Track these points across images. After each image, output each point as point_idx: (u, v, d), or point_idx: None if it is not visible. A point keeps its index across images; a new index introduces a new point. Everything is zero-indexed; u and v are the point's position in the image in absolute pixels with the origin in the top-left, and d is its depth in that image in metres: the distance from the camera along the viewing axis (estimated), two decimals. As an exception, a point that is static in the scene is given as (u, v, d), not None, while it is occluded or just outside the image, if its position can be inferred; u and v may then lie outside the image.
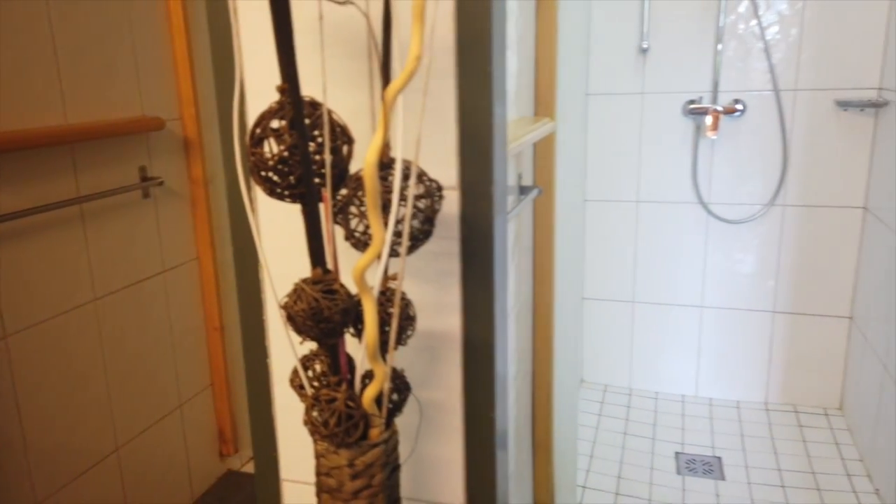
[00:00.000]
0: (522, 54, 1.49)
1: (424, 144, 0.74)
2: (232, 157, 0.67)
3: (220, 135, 0.72)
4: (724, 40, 2.24)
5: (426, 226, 0.66)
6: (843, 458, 2.13)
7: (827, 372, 2.38)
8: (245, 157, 0.66)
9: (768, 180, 2.30)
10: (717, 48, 2.24)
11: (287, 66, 0.55)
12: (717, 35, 2.23)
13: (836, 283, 2.31)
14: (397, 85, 0.49)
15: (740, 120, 2.29)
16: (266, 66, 0.77)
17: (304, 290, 0.61)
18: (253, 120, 0.62)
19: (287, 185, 0.61)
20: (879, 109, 2.13)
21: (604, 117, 2.43)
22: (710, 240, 2.41)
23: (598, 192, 2.50)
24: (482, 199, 0.75)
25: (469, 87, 0.72)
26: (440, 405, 0.83)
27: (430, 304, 0.80)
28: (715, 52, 2.25)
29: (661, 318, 2.53)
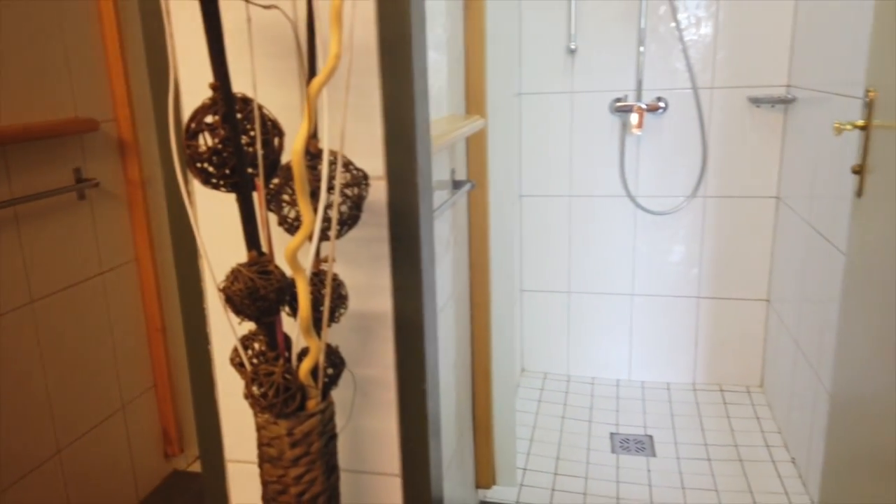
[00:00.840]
0: (452, 55, 1.56)
1: (353, 137, 0.80)
2: (169, 151, 0.71)
3: (156, 130, 0.77)
4: (646, 42, 2.36)
5: (354, 211, 0.72)
6: (763, 431, 2.28)
7: (748, 352, 2.54)
8: (181, 150, 0.71)
9: (690, 173, 2.44)
10: (640, 49, 2.36)
11: (218, 66, 0.60)
12: (640, 37, 2.36)
13: (754, 268, 2.47)
14: (319, 81, 0.55)
15: (663, 117, 2.42)
16: (199, 64, 0.82)
17: (241, 272, 0.66)
18: (188, 116, 0.66)
19: (222, 176, 0.66)
20: (788, 105, 2.29)
21: (536, 116, 2.52)
22: (638, 231, 2.53)
23: (533, 188, 2.60)
24: (408, 188, 0.81)
25: (392, 84, 0.78)
26: (375, 381, 0.89)
27: (363, 287, 0.86)
28: (638, 53, 2.37)
29: (595, 307, 2.64)
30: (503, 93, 1.73)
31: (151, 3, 0.80)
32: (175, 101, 0.79)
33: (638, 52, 2.37)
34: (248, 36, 0.68)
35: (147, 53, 0.78)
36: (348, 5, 0.69)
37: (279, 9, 0.67)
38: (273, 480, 0.75)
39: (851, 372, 1.40)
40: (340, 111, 0.73)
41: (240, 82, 0.76)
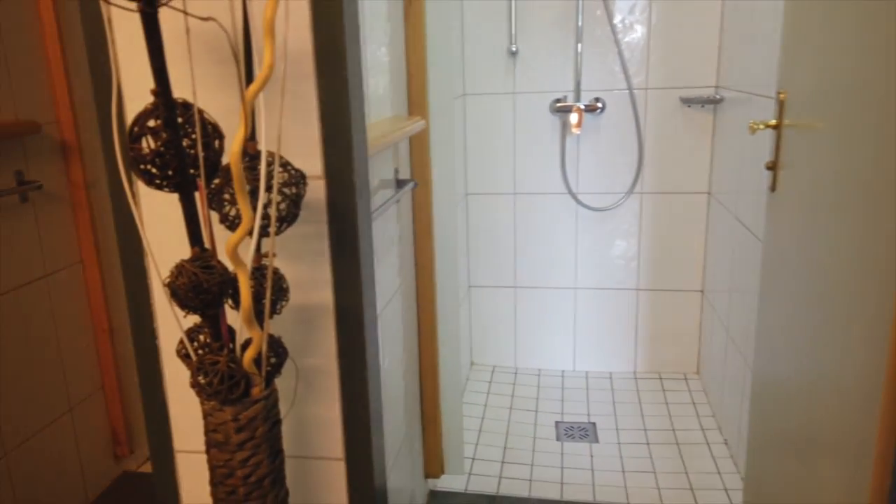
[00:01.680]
0: (395, 58, 1.61)
1: (292, 139, 0.85)
2: (113, 154, 0.75)
3: (100, 134, 0.80)
4: (584, 44, 2.46)
5: (293, 209, 0.76)
6: (699, 415, 2.40)
7: (684, 341, 2.67)
8: (125, 153, 0.74)
9: (627, 171, 2.55)
10: (578, 51, 2.46)
11: (159, 74, 0.64)
12: (577, 40, 2.45)
13: (689, 260, 2.59)
14: (253, 90, 0.60)
15: (601, 117, 2.52)
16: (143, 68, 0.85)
17: (185, 267, 0.70)
18: (131, 119, 0.70)
19: (164, 177, 0.70)
20: (717, 105, 2.42)
21: (481, 116, 2.60)
22: (579, 227, 2.63)
23: (479, 186, 2.67)
24: (346, 187, 0.87)
25: (328, 89, 0.83)
26: (319, 370, 0.94)
27: (305, 281, 0.91)
28: (576, 56, 2.47)
29: (540, 301, 2.73)
30: (444, 95, 1.79)
31: (93, 11, 0.83)
32: (118, 105, 0.82)
33: (576, 54, 2.47)
34: (187, 44, 0.72)
35: (90, 60, 0.81)
36: (282, 17, 0.74)
37: (216, 21, 0.71)
38: (220, 465, 0.79)
39: (770, 355, 1.50)
40: (278, 114, 0.78)
41: (181, 88, 0.80)
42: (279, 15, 0.70)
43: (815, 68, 1.26)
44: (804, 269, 1.29)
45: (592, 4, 2.41)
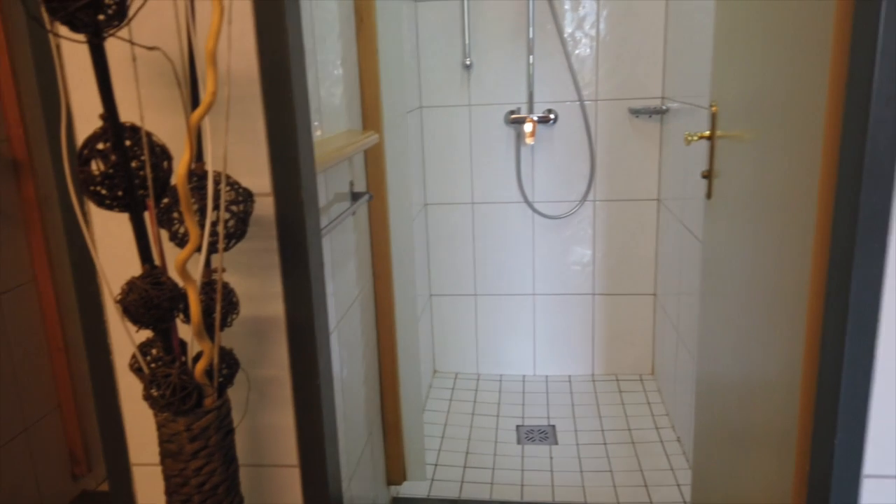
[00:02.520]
0: (348, 74, 1.65)
1: (240, 158, 0.88)
2: (63, 176, 0.77)
3: (51, 157, 0.82)
4: (536, 58, 2.53)
5: (241, 226, 0.80)
6: (653, 414, 2.48)
7: (639, 343, 2.75)
8: (75, 175, 0.77)
9: (580, 179, 2.62)
10: (530, 65, 2.53)
11: (106, 99, 0.67)
12: (529, 53, 2.52)
13: (641, 265, 2.68)
14: (196, 115, 0.63)
15: (554, 127, 2.59)
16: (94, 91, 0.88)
17: (136, 284, 0.73)
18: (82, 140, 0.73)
19: (114, 198, 0.73)
20: (663, 116, 2.51)
21: (438, 127, 2.65)
22: (536, 234, 2.70)
23: (437, 196, 2.72)
24: (294, 203, 0.90)
25: (275, 109, 0.87)
26: (272, 380, 0.97)
27: (257, 295, 0.94)
28: (528, 68, 2.54)
29: (500, 307, 2.79)
30: (398, 109, 1.84)
31: (42, 37, 0.85)
32: (67, 128, 0.84)
33: (528, 67, 2.54)
34: (134, 71, 0.75)
35: (39, 85, 0.83)
36: (225, 44, 0.77)
37: (161, 50, 0.74)
38: (175, 474, 0.81)
39: (710, 355, 1.58)
40: (224, 136, 0.81)
41: (130, 110, 0.83)
42: (223, 42, 0.74)
43: (740, 83, 1.34)
44: (736, 273, 1.36)
45: (543, 19, 2.49)
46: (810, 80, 0.97)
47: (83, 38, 0.63)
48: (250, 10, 0.82)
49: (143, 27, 0.82)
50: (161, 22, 0.82)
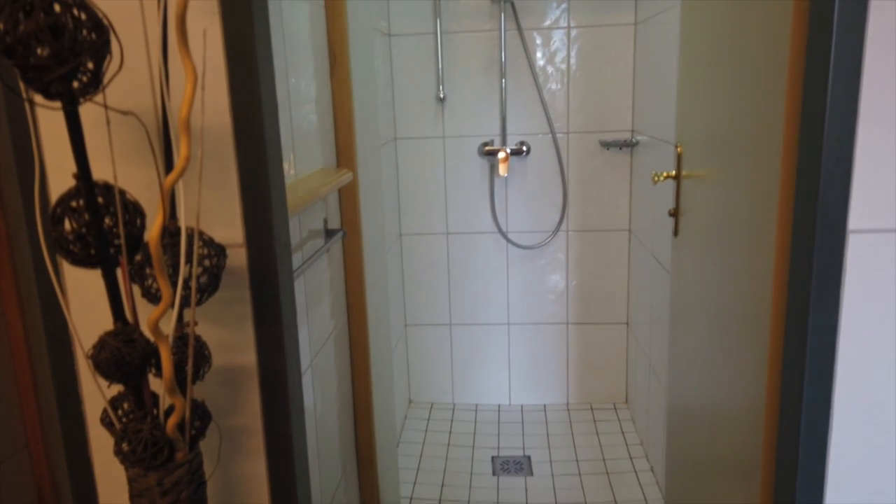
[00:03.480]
0: (322, 112, 1.67)
1: (213, 210, 0.89)
2: (36, 234, 0.78)
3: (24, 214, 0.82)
4: (508, 91, 2.58)
5: (213, 281, 0.81)
6: (627, 444, 2.50)
7: (613, 372, 2.78)
8: (48, 233, 0.77)
9: (553, 210, 2.67)
10: (503, 98, 2.58)
11: (80, 161, 0.68)
12: (502, 87, 2.57)
13: (614, 294, 2.72)
14: (170, 180, 0.65)
15: (527, 159, 2.64)
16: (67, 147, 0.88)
17: (108, 342, 0.73)
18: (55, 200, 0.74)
19: (87, 255, 0.74)
20: (633, 148, 2.57)
21: (412, 159, 2.68)
22: (510, 264, 2.73)
23: (412, 227, 2.74)
24: (266, 254, 0.91)
25: (247, 162, 0.88)
26: (244, 430, 0.97)
27: (229, 344, 0.95)
28: (501, 101, 2.59)
29: (475, 337, 2.80)
30: (371, 145, 1.86)
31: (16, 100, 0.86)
32: (41, 184, 0.85)
33: (501, 100, 2.59)
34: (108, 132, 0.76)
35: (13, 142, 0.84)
36: (198, 103, 0.79)
37: (135, 115, 0.76)
38: (145, 529, 0.81)
39: (680, 384, 1.61)
40: (197, 192, 0.82)
41: (104, 166, 0.84)
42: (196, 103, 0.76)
43: (704, 124, 1.39)
44: (703, 306, 1.40)
45: (515, 54, 2.54)
46: (769, 126, 1.02)
47: (58, 104, 0.64)
48: (224, 69, 0.84)
49: (117, 88, 0.83)
50: (135, 82, 0.84)
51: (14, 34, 0.59)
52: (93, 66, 0.63)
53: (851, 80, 0.82)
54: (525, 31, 2.52)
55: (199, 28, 0.82)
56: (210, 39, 0.83)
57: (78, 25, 0.61)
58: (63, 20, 0.60)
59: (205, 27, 0.79)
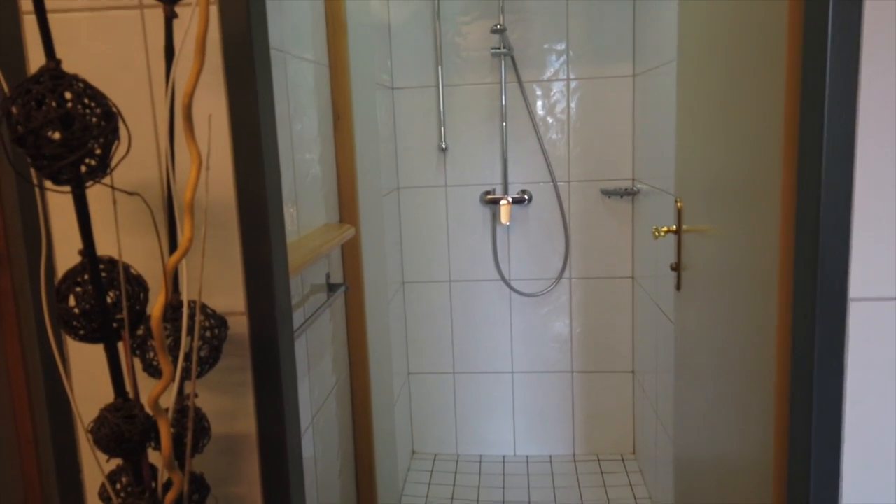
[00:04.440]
0: (325, 169, 1.70)
1: (215, 278, 0.90)
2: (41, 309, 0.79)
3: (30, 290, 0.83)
4: (509, 140, 2.62)
5: (214, 354, 0.81)
6: (635, 497, 2.46)
7: (619, 422, 2.75)
8: (52, 308, 0.78)
9: (556, 257, 2.67)
10: (504, 146, 2.61)
11: (86, 240, 0.69)
12: (503, 136, 2.61)
13: (619, 342, 2.70)
14: (173, 260, 0.66)
15: (528, 207, 2.66)
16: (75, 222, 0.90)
17: (107, 418, 0.74)
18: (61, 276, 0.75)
19: (89, 331, 0.74)
20: (634, 196, 2.59)
21: (415, 207, 2.70)
22: (513, 312, 2.72)
23: (415, 274, 2.74)
24: (267, 322, 0.92)
25: (250, 236, 0.89)
26: (242, 498, 0.96)
27: (229, 412, 0.94)
28: (503, 151, 2.62)
29: (479, 385, 2.78)
30: (374, 199, 1.88)
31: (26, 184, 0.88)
32: (47, 260, 0.86)
33: (502, 150, 2.62)
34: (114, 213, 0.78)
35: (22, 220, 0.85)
36: (202, 181, 0.81)
37: (140, 196, 0.77)
38: None
39: (687, 436, 1.59)
40: (200, 271, 0.83)
41: (109, 237, 0.85)
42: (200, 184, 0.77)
43: (702, 179, 1.40)
44: (708, 359, 1.39)
45: (516, 104, 2.58)
46: (767, 184, 1.03)
47: (67, 189, 0.66)
48: (229, 143, 0.86)
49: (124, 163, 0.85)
50: (142, 159, 0.86)
51: (26, 125, 0.61)
52: (101, 151, 0.65)
53: (846, 150, 0.83)
54: (525, 83, 2.56)
55: (207, 107, 0.84)
56: (215, 117, 0.85)
57: (88, 114, 0.63)
58: (74, 110, 0.62)
59: (210, 112, 0.81)
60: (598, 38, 2.51)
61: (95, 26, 0.85)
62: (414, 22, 2.57)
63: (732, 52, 1.19)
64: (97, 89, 0.64)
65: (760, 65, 1.04)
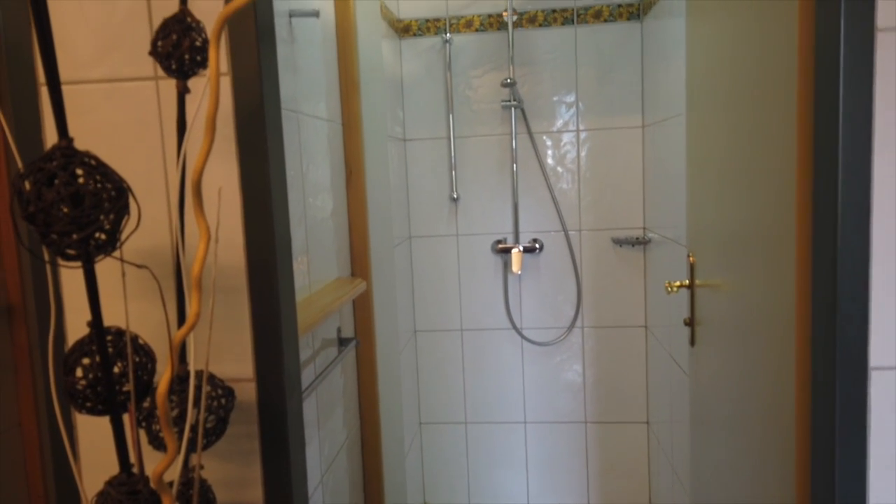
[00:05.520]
0: (338, 223, 1.70)
1: (224, 345, 0.90)
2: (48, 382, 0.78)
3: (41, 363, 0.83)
4: (520, 190, 2.63)
5: (221, 425, 0.80)
6: (652, 552, 2.38)
7: (635, 473, 2.68)
8: (59, 380, 0.78)
9: (568, 306, 2.65)
10: (515, 196, 2.62)
11: (94, 311, 0.69)
12: (514, 186, 2.62)
13: (633, 392, 2.66)
14: (180, 335, 0.65)
15: (540, 256, 2.65)
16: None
17: (111, 494, 0.72)
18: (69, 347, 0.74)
19: (96, 403, 0.74)
20: (646, 245, 2.57)
21: (426, 256, 2.70)
22: (526, 361, 2.69)
23: (427, 323, 2.73)
24: (276, 389, 0.91)
25: (260, 301, 0.89)
26: (248, 570, 0.94)
27: (235, 480, 0.93)
28: (513, 200, 2.63)
29: (491, 435, 2.74)
30: (385, 252, 1.88)
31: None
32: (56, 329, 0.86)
33: (513, 199, 2.63)
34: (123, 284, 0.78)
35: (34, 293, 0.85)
36: (211, 252, 0.81)
37: (149, 269, 0.78)
38: None
39: (704, 488, 1.54)
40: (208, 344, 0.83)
41: (118, 305, 0.85)
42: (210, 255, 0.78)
43: (714, 233, 1.39)
44: (725, 416, 1.36)
45: (526, 155, 2.60)
46: (781, 240, 1.02)
47: (77, 264, 0.66)
48: (239, 210, 0.86)
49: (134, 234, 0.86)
50: (152, 226, 0.86)
51: (37, 203, 0.62)
52: (110, 227, 0.65)
53: (861, 219, 0.82)
54: (535, 134, 2.59)
55: (219, 174, 0.85)
56: (227, 184, 0.86)
57: (98, 190, 0.64)
58: (84, 187, 0.63)
59: (221, 185, 0.82)
60: (608, 91, 2.54)
61: (111, 97, 0.87)
62: (426, 75, 2.62)
63: (741, 107, 1.19)
64: (108, 166, 0.65)
65: (770, 121, 1.04)
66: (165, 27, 0.69)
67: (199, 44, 0.70)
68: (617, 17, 2.50)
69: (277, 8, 1.37)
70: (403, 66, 2.62)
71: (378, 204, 1.87)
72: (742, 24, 1.17)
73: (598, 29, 2.52)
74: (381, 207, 1.89)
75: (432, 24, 2.58)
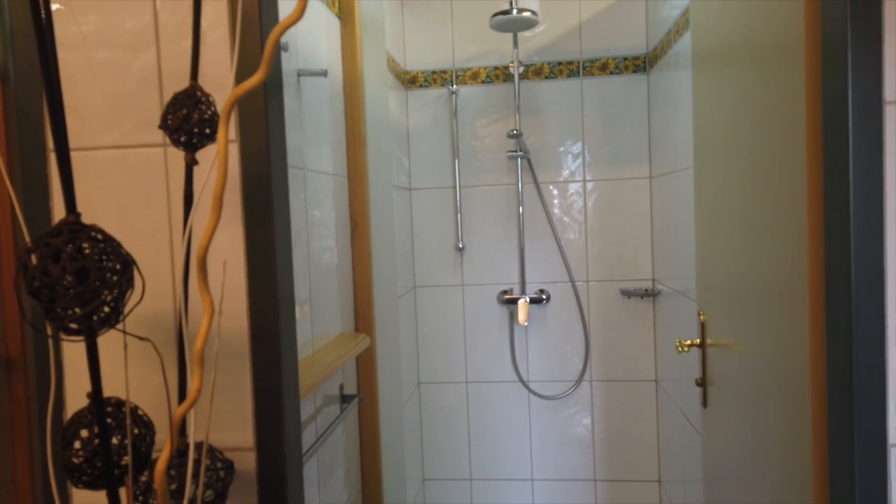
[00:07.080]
0: (342, 278, 1.69)
1: (224, 413, 0.88)
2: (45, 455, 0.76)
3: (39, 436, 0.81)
4: (526, 240, 2.62)
5: (218, 500, 0.78)
6: None
7: (646, 532, 2.61)
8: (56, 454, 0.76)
9: (576, 359, 2.62)
10: (521, 246, 2.61)
11: (94, 384, 0.68)
12: (520, 237, 2.61)
13: (643, 449, 2.60)
14: (181, 411, 0.64)
15: (547, 307, 2.63)
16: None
17: (104, 575, 0.70)
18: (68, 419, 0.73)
19: (93, 478, 0.72)
20: (655, 297, 2.55)
21: (431, 306, 2.68)
22: (532, 415, 2.64)
23: (431, 375, 2.69)
24: (276, 459, 0.89)
25: (262, 370, 0.88)
26: None
27: (234, 554, 0.89)
28: (520, 251, 2.62)
29: (497, 493, 2.67)
30: (389, 305, 1.87)
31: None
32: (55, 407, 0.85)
33: (520, 250, 2.62)
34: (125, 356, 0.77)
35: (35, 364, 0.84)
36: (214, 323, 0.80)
37: (150, 341, 0.76)
38: None
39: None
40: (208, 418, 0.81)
41: (120, 374, 0.83)
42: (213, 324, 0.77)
43: (725, 291, 1.37)
44: (741, 477, 1.32)
45: (532, 204, 2.60)
46: (794, 304, 1.00)
47: (80, 338, 0.65)
48: (244, 278, 0.85)
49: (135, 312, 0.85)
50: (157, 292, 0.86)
51: (42, 278, 0.61)
52: (114, 302, 0.64)
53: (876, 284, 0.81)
54: (542, 184, 2.59)
55: (225, 240, 0.85)
56: (232, 250, 0.85)
57: (104, 266, 0.63)
58: (90, 263, 0.62)
59: (226, 258, 0.82)
60: (614, 142, 2.55)
61: (120, 163, 0.87)
62: (432, 125, 2.64)
63: (750, 165, 1.19)
64: (114, 240, 0.64)
65: (779, 183, 1.03)
66: (176, 102, 0.69)
67: (207, 116, 0.71)
68: (623, 70, 2.53)
69: (286, 67, 1.39)
70: (410, 116, 2.65)
71: (383, 255, 1.86)
72: (748, 86, 1.18)
73: (605, 81, 2.55)
74: (386, 259, 1.88)
75: (439, 75, 2.62)
